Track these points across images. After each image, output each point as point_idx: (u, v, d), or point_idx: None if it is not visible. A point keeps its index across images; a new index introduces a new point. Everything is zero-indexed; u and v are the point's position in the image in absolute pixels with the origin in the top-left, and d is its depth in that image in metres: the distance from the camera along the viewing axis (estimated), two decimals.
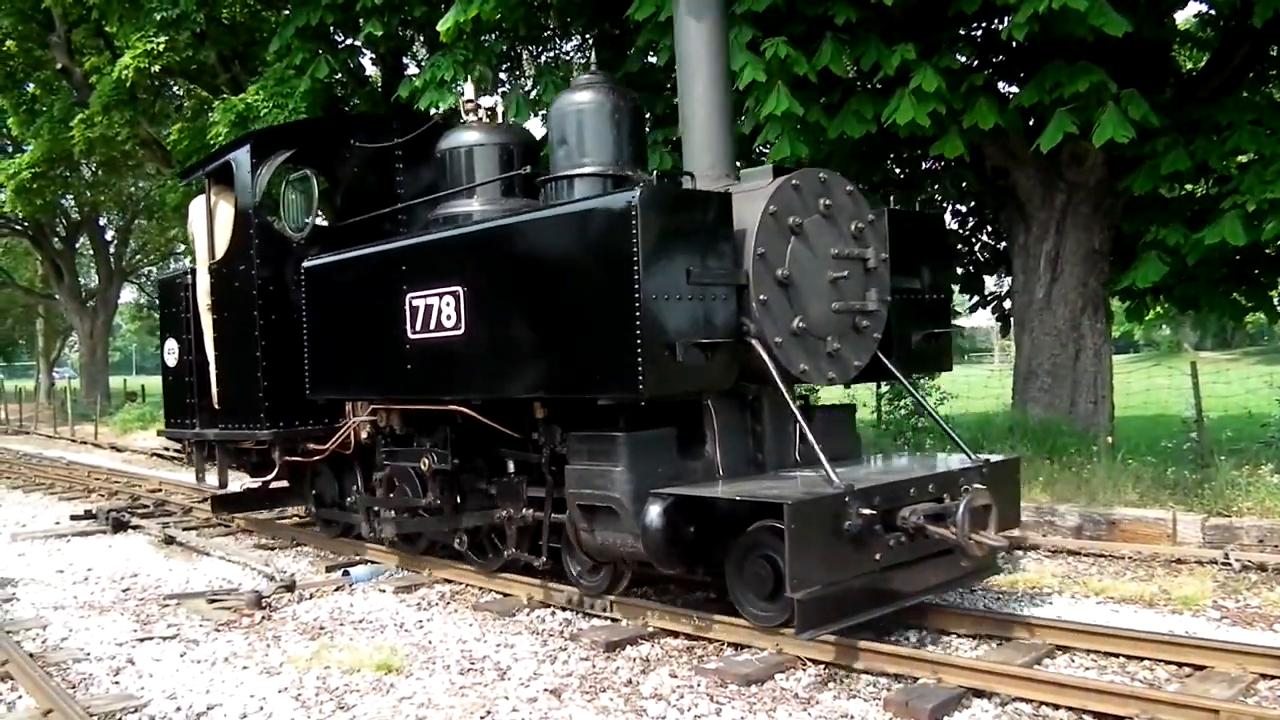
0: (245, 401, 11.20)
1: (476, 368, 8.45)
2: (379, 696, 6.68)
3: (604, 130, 8.83)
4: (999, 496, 7.57)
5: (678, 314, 7.15)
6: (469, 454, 9.32)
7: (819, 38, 12.19)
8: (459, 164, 9.91)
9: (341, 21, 17.68)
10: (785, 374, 7.59)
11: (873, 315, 8.29)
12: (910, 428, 14.66)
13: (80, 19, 22.89)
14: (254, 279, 10.97)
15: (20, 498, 18.14)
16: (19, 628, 8.66)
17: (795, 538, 6.42)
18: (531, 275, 7.93)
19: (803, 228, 7.77)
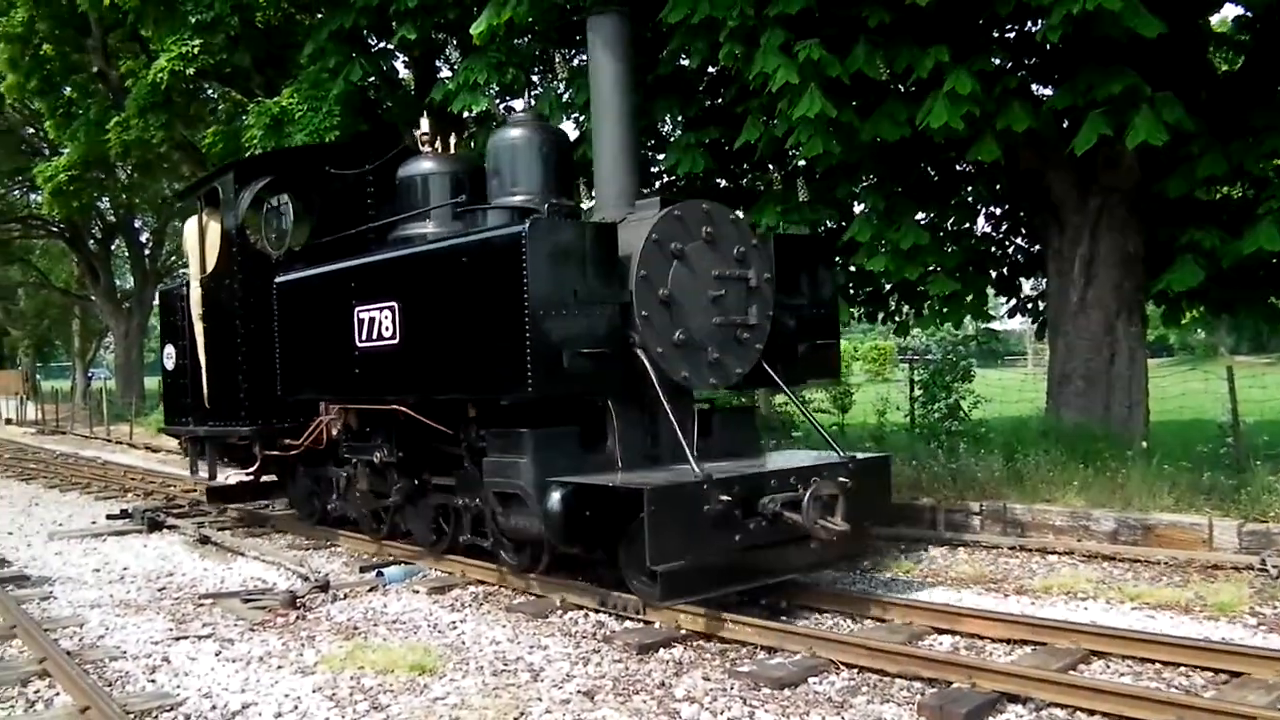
0: (229, 401, 12.63)
1: (410, 373, 9.81)
2: (413, 697, 6.71)
3: (531, 163, 10.28)
4: (867, 489, 8.83)
5: (564, 327, 8.35)
6: (413, 448, 10.55)
7: (852, 40, 12.16)
8: (415, 190, 11.23)
9: (375, 25, 17.73)
10: (667, 380, 8.71)
11: (754, 328, 9.35)
12: (945, 430, 14.61)
13: (116, 23, 23.01)
14: (237, 292, 12.41)
15: (57, 497, 18.31)
16: (56, 626, 8.74)
17: (654, 519, 7.47)
18: (448, 293, 9.26)
19: (685, 252, 8.90)
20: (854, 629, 8.16)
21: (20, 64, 26.06)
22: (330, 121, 17.14)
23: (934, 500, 12.13)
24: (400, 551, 11.32)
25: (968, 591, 9.35)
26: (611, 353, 8.57)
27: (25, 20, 24.27)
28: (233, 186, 12.55)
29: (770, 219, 13.85)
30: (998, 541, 11.10)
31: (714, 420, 9.78)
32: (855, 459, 9.04)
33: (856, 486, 8.57)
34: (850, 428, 17.20)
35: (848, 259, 14.59)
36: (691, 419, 9.06)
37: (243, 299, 12.35)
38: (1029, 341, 43.98)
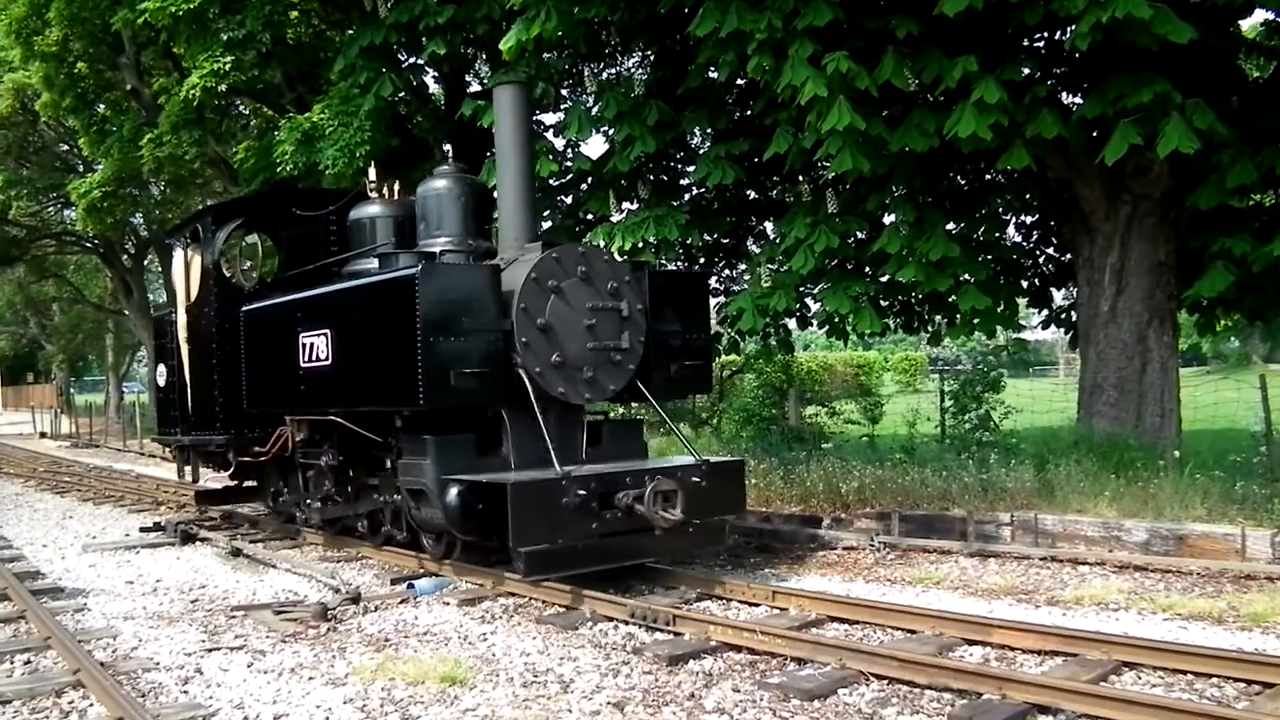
0: (208, 414, 14.15)
1: (340, 388, 11.39)
2: (444, 708, 6.73)
3: (453, 210, 11.84)
4: (719, 487, 10.39)
5: (451, 351, 9.87)
6: (350, 454, 12.02)
7: (880, 51, 12.18)
8: (364, 230, 12.87)
9: (405, 40, 17.84)
10: (545, 395, 10.22)
11: (626, 351, 10.84)
12: (975, 441, 14.57)
13: (149, 40, 23.17)
14: (214, 319, 13.91)
15: (91, 510, 18.44)
16: (90, 637, 8.80)
17: (516, 509, 9.04)
18: (365, 323, 10.98)
19: (561, 288, 10.40)
20: (884, 640, 8.14)
21: (55, 82, 26.26)
22: (361, 137, 17.22)
23: (964, 511, 12.10)
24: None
25: (998, 602, 9.32)
26: (495, 372, 10.11)
27: (60, 39, 24.44)
28: (210, 226, 14.12)
29: (800, 231, 13.86)
30: (1028, 552, 11.05)
31: (603, 430, 11.37)
32: (708, 462, 10.50)
33: (707, 485, 10.17)
34: (881, 439, 17.18)
35: (877, 270, 14.58)
36: (581, 429, 10.98)
37: (219, 325, 13.87)
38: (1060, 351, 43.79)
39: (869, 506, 12.94)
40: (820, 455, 14.71)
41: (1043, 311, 17.75)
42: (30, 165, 39.90)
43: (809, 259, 13.77)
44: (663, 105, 14.83)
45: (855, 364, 45.91)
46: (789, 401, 18.58)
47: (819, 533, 12.65)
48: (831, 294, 14.32)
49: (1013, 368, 21.46)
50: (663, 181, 17.00)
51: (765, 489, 13.99)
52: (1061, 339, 33.91)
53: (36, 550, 13.75)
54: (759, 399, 19.31)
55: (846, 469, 13.58)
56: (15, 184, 38.43)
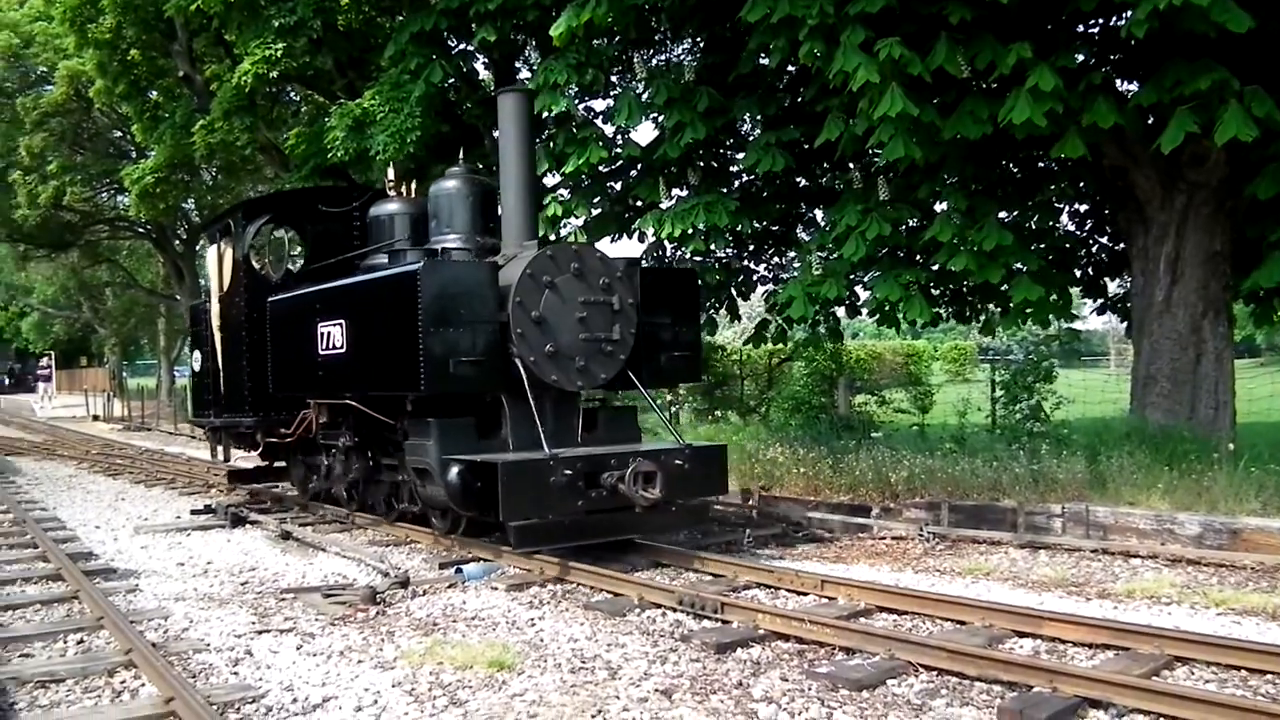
0: (237, 397, 15.13)
1: (354, 374, 12.19)
2: (491, 693, 6.74)
3: (461, 209, 12.53)
4: (701, 471, 11.14)
5: (450, 341, 10.66)
6: (366, 435, 12.86)
7: (932, 38, 12.07)
8: (382, 226, 13.65)
9: (455, 27, 17.85)
10: (540, 382, 10.98)
11: (617, 342, 11.52)
12: (1026, 432, 14.44)
13: (201, 28, 23.35)
14: (243, 308, 14.78)
15: (143, 492, 18.61)
16: (142, 618, 8.88)
17: (506, 486, 9.89)
18: (375, 314, 11.75)
19: (555, 283, 11.11)
20: (933, 631, 8.09)
21: (109, 69, 26.52)
22: (411, 123, 17.27)
23: (1015, 502, 12.00)
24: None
25: (1049, 594, 9.24)
26: (492, 361, 10.89)
27: (113, 26, 24.66)
28: (241, 221, 15.03)
29: (851, 218, 13.78)
30: (1080, 544, 10.95)
31: (599, 416, 12.18)
32: (690, 446, 11.31)
33: (688, 468, 10.95)
34: (930, 428, 17.07)
35: (928, 259, 14.47)
36: (576, 414, 11.76)
37: (248, 314, 14.72)
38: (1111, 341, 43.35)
39: (918, 496, 12.86)
40: (869, 444, 14.63)
41: (1097, 301, 17.59)
42: (84, 152, 40.37)
43: (860, 247, 13.69)
44: (713, 92, 14.78)
45: (904, 353, 45.70)
46: (838, 390, 18.49)
47: (868, 522, 12.61)
48: (882, 282, 14.24)
49: (1064, 358, 21.29)
50: (713, 168, 16.95)
51: (814, 478, 13.92)
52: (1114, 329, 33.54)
53: (89, 532, 13.89)
54: (808, 387, 19.23)
55: (896, 458, 13.50)
56: (69, 170, 38.90)
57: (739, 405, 22.40)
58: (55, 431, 38.20)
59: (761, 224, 17.82)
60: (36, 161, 37.96)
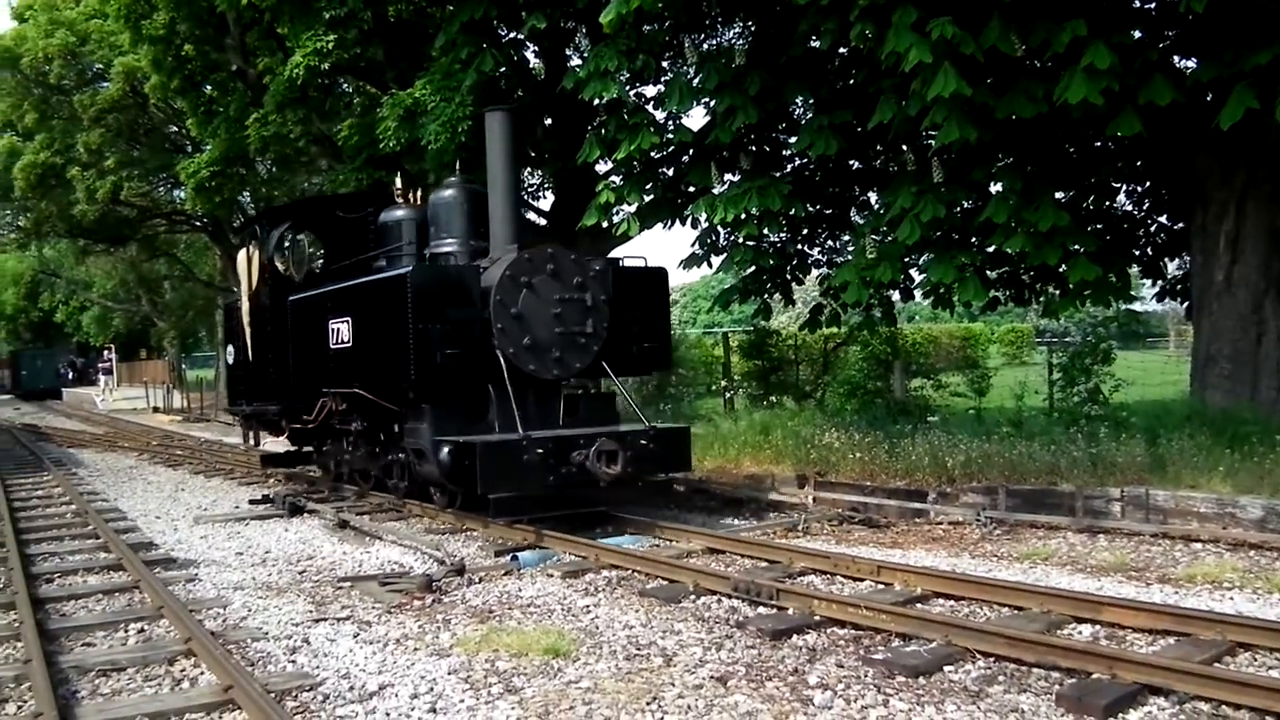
0: (265, 387, 16.81)
1: (359, 366, 13.60)
2: (547, 680, 6.75)
3: (458, 217, 13.85)
4: (666, 449, 12.43)
5: (438, 336, 12.09)
6: (373, 421, 14.19)
7: (985, 17, 11.93)
8: (390, 231, 15.05)
9: (505, 15, 17.85)
10: (519, 371, 12.34)
11: (590, 335, 12.85)
12: (1084, 415, 14.28)
13: (253, 21, 23.44)
14: (268, 306, 16.45)
15: (202, 483, 18.83)
16: (201, 607, 8.98)
17: (483, 463, 11.26)
18: (374, 312, 13.14)
19: (532, 283, 12.49)
20: (991, 617, 8.02)
21: (163, 64, 26.74)
22: (463, 112, 17.28)
23: (1073, 486, 11.86)
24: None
25: (1108, 580, 9.15)
26: (475, 353, 12.25)
27: (167, 22, 24.87)
28: (266, 227, 16.90)
29: (905, 201, 13.65)
30: (1139, 529, 10.83)
31: (581, 401, 13.52)
32: (655, 428, 12.54)
33: (653, 447, 12.24)
34: (987, 412, 16.91)
35: (984, 240, 14.32)
36: (557, 400, 13.15)
37: (273, 311, 16.30)
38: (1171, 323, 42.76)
39: (975, 481, 12.75)
40: (925, 428, 14.50)
41: (1156, 282, 17.35)
42: (141, 147, 40.73)
43: (914, 229, 13.56)
44: (764, 75, 14.66)
45: (960, 336, 45.35)
46: (894, 374, 18.35)
47: (924, 507, 12.54)
48: (936, 264, 14.11)
49: (1122, 339, 21.00)
50: (765, 152, 16.85)
51: (870, 463, 13.83)
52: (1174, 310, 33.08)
53: (150, 522, 14.06)
54: (863, 371, 19.12)
55: (952, 442, 13.39)
56: (127, 165, 39.29)
57: (794, 390, 22.28)
58: (116, 423, 38.69)
59: (815, 207, 17.72)
60: (94, 157, 38.37)
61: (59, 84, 39.21)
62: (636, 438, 12.19)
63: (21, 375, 78.67)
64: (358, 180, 20.76)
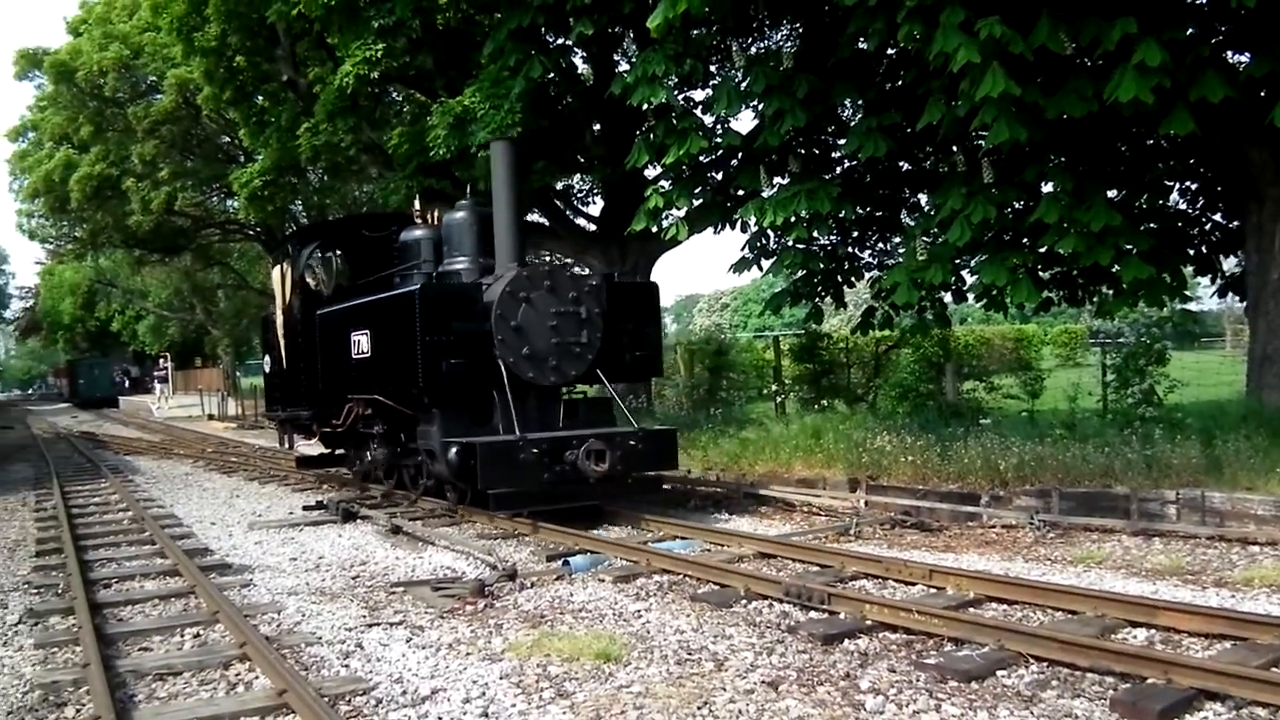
0: (297, 394, 18.10)
1: (377, 374, 14.68)
2: (598, 684, 6.76)
3: (469, 236, 14.88)
4: (653, 450, 13.47)
5: (444, 347, 13.22)
6: (393, 425, 15.21)
7: (1034, 15, 11.84)
8: (410, 249, 15.97)
9: (552, 22, 17.93)
10: (518, 378, 13.37)
11: (584, 345, 13.85)
12: (1139, 416, 14.13)
13: (303, 32, 23.68)
14: (299, 319, 17.77)
15: (257, 489, 18.98)
16: (256, 611, 9.05)
17: (483, 462, 12.33)
18: (389, 325, 14.27)
19: (531, 297, 13.52)
20: (1044, 621, 7.96)
21: (215, 76, 27.02)
22: (512, 119, 17.38)
23: (1128, 488, 11.75)
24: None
25: (1163, 583, 9.05)
26: (478, 362, 13.29)
27: (218, 34, 25.11)
28: (296, 245, 18.30)
29: (955, 202, 13.56)
30: (1195, 531, 10.71)
31: (580, 406, 14.75)
32: (643, 430, 13.74)
33: (641, 447, 13.24)
34: (1040, 414, 16.77)
35: (1035, 241, 14.21)
36: (557, 404, 14.24)
37: (304, 323, 17.55)
38: (1227, 322, 42.26)
39: (1028, 484, 12.65)
40: (978, 431, 14.40)
41: (1213, 279, 17.13)
42: (194, 158, 41.23)
43: (965, 231, 13.48)
44: (812, 78, 14.64)
45: (1013, 337, 45.02)
46: (946, 376, 18.23)
47: (977, 510, 12.45)
48: (988, 266, 14.02)
49: (1177, 340, 20.78)
50: (813, 155, 16.82)
51: (922, 466, 13.76)
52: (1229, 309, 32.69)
53: (205, 528, 14.19)
54: (915, 374, 19.00)
55: (1005, 445, 13.29)
56: (180, 176, 39.80)
57: (845, 393, 22.18)
58: (172, 431, 39.10)
59: (864, 210, 17.66)
60: (149, 168, 38.88)
61: (113, 97, 39.75)
62: (625, 439, 13.21)
63: (79, 384, 79.89)
64: (408, 188, 20.88)
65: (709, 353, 23.68)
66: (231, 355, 66.62)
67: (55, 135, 42.25)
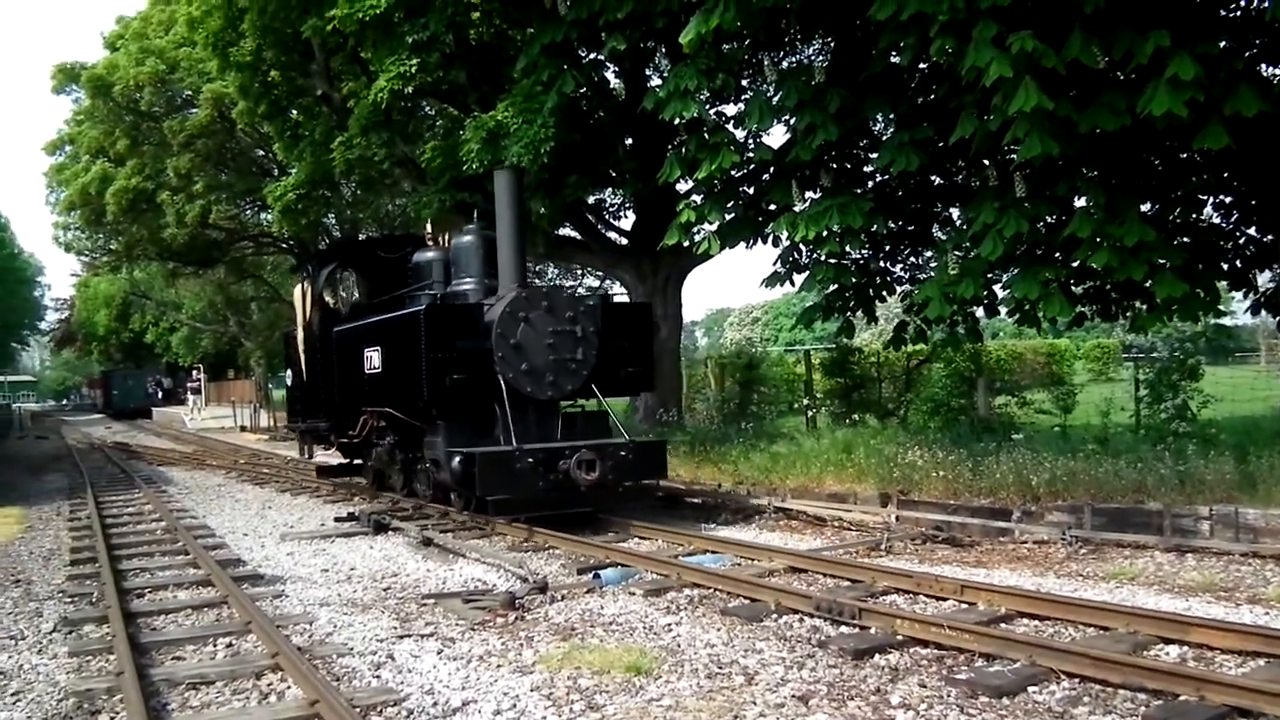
0: (316, 406, 19.51)
1: (388, 389, 15.75)
2: (628, 697, 6.77)
3: (475, 258, 16.14)
4: (643, 460, 14.42)
5: (447, 364, 14.24)
6: (404, 436, 16.38)
7: (1066, 29, 11.81)
8: (423, 270, 17.27)
9: (585, 37, 17.96)
10: (517, 393, 14.36)
11: (580, 361, 14.88)
12: (1172, 431, 14.06)
13: (337, 47, 23.77)
14: (318, 335, 19.01)
15: (289, 500, 19.08)
16: (288, 622, 9.12)
17: (482, 470, 13.29)
18: (398, 343, 15.27)
19: (529, 317, 14.58)
20: (1076, 637, 7.93)
21: (250, 90, 27.15)
22: (545, 133, 17.43)
23: (1161, 504, 11.69)
24: None
25: (1196, 600, 9.01)
26: (479, 378, 14.30)
27: (253, 49, 25.23)
28: (316, 265, 19.62)
29: (987, 216, 13.52)
30: (1229, 548, 10.65)
31: (578, 419, 15.63)
32: (634, 441, 14.65)
33: (631, 457, 14.16)
34: (1073, 429, 16.70)
35: (1068, 255, 14.15)
36: (556, 417, 15.23)
37: (322, 340, 18.79)
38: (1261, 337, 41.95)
39: (1060, 499, 12.61)
40: (1010, 446, 14.36)
41: (1247, 294, 17.00)
42: (229, 171, 41.45)
43: (997, 245, 13.44)
44: (844, 92, 14.63)
45: (1045, 352, 44.81)
46: (978, 391, 18.17)
47: (1008, 526, 12.41)
48: (1020, 280, 13.97)
49: (1211, 354, 20.66)
50: (845, 169, 16.78)
51: (953, 481, 13.73)
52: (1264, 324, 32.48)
53: (238, 539, 14.29)
54: (947, 389, 18.95)
55: (1037, 460, 13.25)
56: (215, 189, 40.05)
57: (877, 408, 22.13)
58: (204, 442, 39.30)
59: (897, 224, 17.61)
60: (183, 182, 39.11)
61: (149, 111, 40.00)
62: (616, 449, 14.14)
63: (113, 395, 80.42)
64: (440, 201, 20.96)
65: (740, 367, 23.71)
66: (264, 367, 66.88)
67: (92, 149, 42.57)
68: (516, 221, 15.23)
